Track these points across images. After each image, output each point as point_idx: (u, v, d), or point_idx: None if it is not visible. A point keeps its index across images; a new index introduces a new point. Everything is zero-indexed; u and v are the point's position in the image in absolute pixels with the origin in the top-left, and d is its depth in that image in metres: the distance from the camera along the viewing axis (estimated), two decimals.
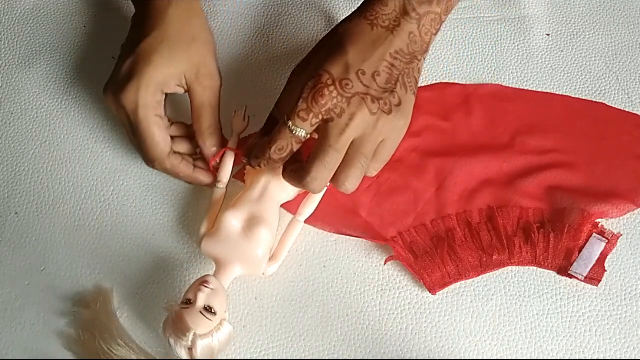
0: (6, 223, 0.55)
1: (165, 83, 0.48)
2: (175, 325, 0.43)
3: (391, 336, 0.50)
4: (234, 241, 0.47)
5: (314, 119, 0.41)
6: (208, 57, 0.51)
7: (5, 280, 0.53)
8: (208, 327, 0.43)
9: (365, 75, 0.42)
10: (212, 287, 0.44)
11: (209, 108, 0.50)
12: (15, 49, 0.64)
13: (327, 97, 0.41)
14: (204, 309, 0.43)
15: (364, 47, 0.43)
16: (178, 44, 0.49)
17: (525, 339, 0.49)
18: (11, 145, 0.59)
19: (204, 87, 0.50)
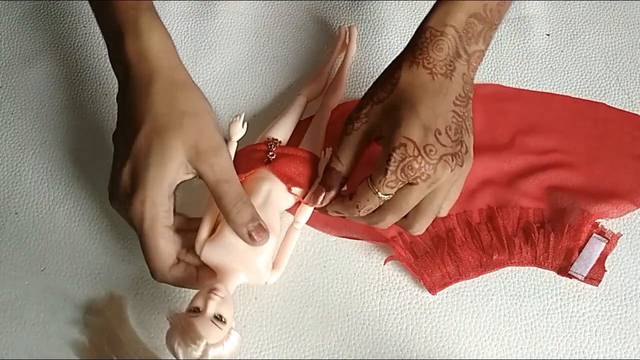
0: (6, 223, 0.55)
1: (170, 184, 0.44)
2: (184, 334, 0.41)
3: (391, 336, 0.50)
4: (238, 249, 0.45)
5: (400, 184, 0.43)
6: (204, 129, 0.45)
7: (5, 280, 0.53)
8: (219, 336, 0.41)
9: (442, 135, 0.43)
10: (221, 295, 0.42)
11: (224, 184, 0.44)
12: (15, 49, 0.64)
13: (417, 169, 0.42)
14: (214, 317, 0.41)
15: (433, 102, 0.43)
16: (170, 131, 0.43)
17: (525, 339, 0.49)
18: (11, 145, 0.59)
19: (210, 165, 0.44)
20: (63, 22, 0.65)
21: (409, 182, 0.43)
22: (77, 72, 0.62)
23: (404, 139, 0.42)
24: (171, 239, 0.45)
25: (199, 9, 0.65)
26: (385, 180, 0.42)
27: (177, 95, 0.45)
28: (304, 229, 0.53)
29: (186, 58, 0.62)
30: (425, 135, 0.42)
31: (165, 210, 0.44)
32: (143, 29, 0.45)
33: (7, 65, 0.63)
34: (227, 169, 0.45)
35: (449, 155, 0.43)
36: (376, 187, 0.43)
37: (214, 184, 0.44)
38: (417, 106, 0.43)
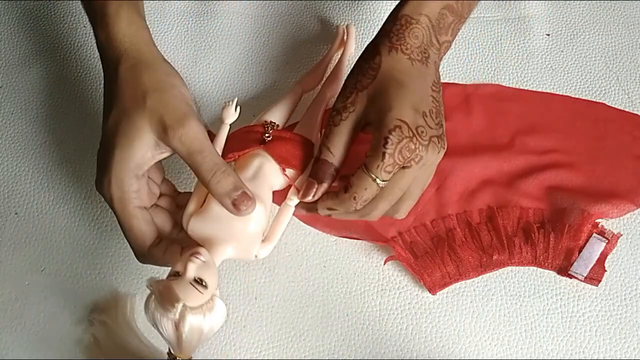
0: (6, 223, 0.55)
1: (138, 165, 0.43)
2: (161, 297, 0.38)
3: (391, 336, 0.50)
4: (226, 219, 0.43)
5: (397, 168, 0.42)
6: (169, 103, 0.43)
7: (5, 280, 0.53)
8: (199, 300, 0.39)
9: (428, 117, 0.43)
10: (203, 259, 0.40)
11: (197, 155, 0.42)
12: (15, 49, 0.64)
13: (413, 150, 0.42)
14: (194, 280, 0.39)
15: (416, 86, 0.44)
16: (136, 112, 0.43)
17: (525, 339, 0.49)
18: (11, 145, 0.59)
19: (179, 138, 0.42)
20: (63, 22, 0.65)
21: (403, 166, 0.42)
22: (77, 72, 0.62)
23: (398, 121, 0.42)
24: (146, 220, 0.44)
25: (199, 9, 0.65)
26: (384, 164, 0.41)
27: (142, 74, 0.44)
28: (304, 229, 0.53)
29: (186, 58, 0.62)
30: (415, 117, 0.42)
31: (135, 190, 0.43)
32: (110, 16, 0.46)
33: (7, 65, 0.63)
34: (196, 140, 0.43)
35: (435, 137, 0.43)
36: (374, 173, 0.42)
37: (186, 156, 0.43)
38: (405, 89, 0.43)
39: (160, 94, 0.43)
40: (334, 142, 0.45)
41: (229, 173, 0.43)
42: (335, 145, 0.45)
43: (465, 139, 0.57)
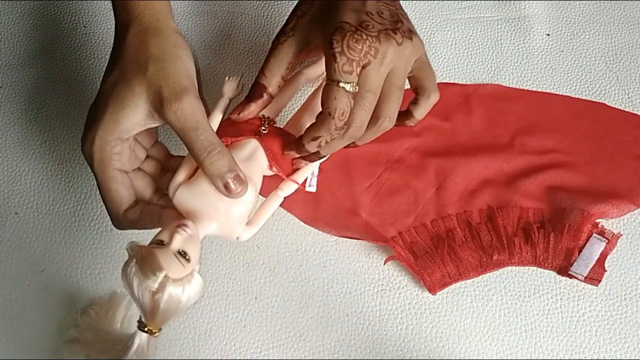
0: (6, 223, 0.55)
1: (126, 128, 0.42)
2: (143, 263, 0.37)
3: (391, 336, 0.50)
4: (214, 196, 0.42)
5: (357, 68, 0.40)
6: (170, 74, 0.42)
7: (5, 280, 0.53)
8: (180, 273, 0.38)
9: (374, 15, 0.42)
10: (190, 232, 0.39)
11: (191, 133, 0.41)
12: (15, 49, 0.64)
13: (361, 41, 0.40)
14: (178, 252, 0.38)
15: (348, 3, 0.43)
16: (136, 77, 0.42)
17: (525, 339, 0.49)
18: (11, 145, 0.59)
19: (174, 112, 0.41)
20: (63, 22, 0.65)
21: (363, 65, 0.41)
22: (77, 72, 0.62)
23: (337, 22, 0.41)
24: (124, 183, 0.44)
25: (199, 9, 0.65)
26: (338, 64, 0.40)
27: (148, 41, 0.44)
28: (304, 229, 0.53)
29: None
30: (358, 15, 0.41)
31: (117, 152, 0.43)
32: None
33: (7, 65, 0.63)
34: (192, 116, 0.41)
35: (389, 30, 0.41)
36: (334, 77, 0.40)
37: (180, 132, 0.42)
38: (342, 2, 0.42)
39: (163, 63, 0.43)
40: (269, 66, 0.45)
41: (224, 154, 0.42)
42: (271, 68, 0.44)
43: (465, 139, 0.57)
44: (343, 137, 0.43)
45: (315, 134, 0.42)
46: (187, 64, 0.44)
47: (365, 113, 0.42)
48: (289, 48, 0.44)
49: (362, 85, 0.41)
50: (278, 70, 0.45)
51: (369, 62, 0.40)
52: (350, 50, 0.40)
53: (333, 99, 0.40)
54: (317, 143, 0.43)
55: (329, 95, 0.40)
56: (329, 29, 0.41)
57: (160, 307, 0.38)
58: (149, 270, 0.37)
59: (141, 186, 0.45)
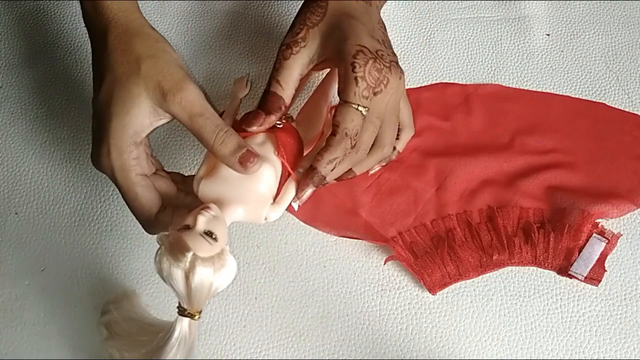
0: (6, 223, 0.55)
1: (137, 132, 0.43)
2: (172, 247, 0.38)
3: (391, 336, 0.50)
4: (236, 180, 0.43)
5: (371, 95, 0.42)
6: (164, 68, 0.43)
7: (5, 280, 0.53)
8: (209, 251, 0.39)
9: (382, 45, 0.43)
10: (213, 213, 0.40)
11: (198, 119, 0.42)
12: (15, 49, 0.64)
13: (379, 70, 0.41)
14: (204, 232, 0.39)
15: (365, 19, 0.44)
16: (131, 79, 0.42)
17: (525, 339, 0.49)
18: (11, 145, 0.59)
19: (179, 102, 0.42)
20: (63, 22, 0.65)
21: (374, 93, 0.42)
22: (77, 72, 0.62)
23: (358, 46, 0.42)
24: (149, 186, 0.44)
25: (199, 9, 0.65)
26: (359, 88, 0.41)
27: (132, 41, 0.44)
28: (304, 229, 0.53)
29: (186, 58, 0.62)
30: (373, 42, 0.43)
31: (135, 158, 0.43)
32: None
33: (7, 65, 0.63)
34: (196, 102, 0.42)
35: (394, 62, 0.43)
36: (353, 100, 0.41)
37: (187, 120, 0.42)
38: (357, 20, 0.43)
39: (154, 59, 0.43)
40: (284, 76, 0.44)
41: (232, 133, 0.42)
42: (285, 79, 0.44)
43: (465, 139, 0.57)
44: (350, 159, 0.43)
45: (331, 156, 0.42)
46: (174, 55, 0.45)
47: (370, 138, 0.44)
48: (301, 59, 0.44)
49: (372, 112, 0.42)
50: (292, 81, 0.44)
51: (380, 90, 0.42)
52: (370, 76, 0.41)
53: (350, 121, 0.41)
54: (332, 165, 0.43)
55: (347, 116, 0.41)
56: (349, 50, 0.42)
57: (193, 287, 0.38)
58: (178, 252, 0.38)
59: (164, 187, 0.46)
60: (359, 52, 0.41)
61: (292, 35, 0.44)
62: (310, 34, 0.44)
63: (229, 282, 0.40)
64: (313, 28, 0.44)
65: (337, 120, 0.42)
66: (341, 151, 0.42)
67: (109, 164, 0.42)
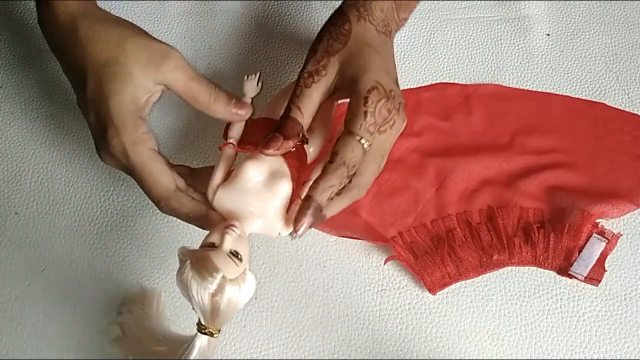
0: (6, 223, 0.55)
1: (137, 109, 0.43)
2: (199, 266, 0.38)
3: (391, 336, 0.50)
4: (255, 192, 0.43)
5: (376, 132, 0.42)
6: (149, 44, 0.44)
7: (5, 280, 0.53)
8: (236, 272, 0.39)
9: (396, 83, 0.44)
10: (238, 232, 0.40)
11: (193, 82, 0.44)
12: (15, 49, 0.64)
13: (389, 110, 0.42)
14: (230, 252, 0.39)
15: (385, 53, 0.45)
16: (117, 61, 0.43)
17: (525, 339, 0.49)
18: (11, 145, 0.59)
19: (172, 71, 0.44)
20: None
21: (379, 131, 0.42)
22: None
23: (375, 82, 0.42)
24: (165, 162, 0.44)
25: (199, 9, 0.65)
26: (366, 122, 0.41)
27: (108, 26, 0.45)
28: None
29: (186, 58, 0.62)
30: (388, 81, 0.43)
31: (145, 132, 0.43)
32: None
33: (7, 65, 0.63)
34: (187, 68, 0.45)
35: (402, 104, 0.44)
36: (358, 133, 0.41)
37: (183, 86, 0.44)
38: (377, 54, 0.44)
39: (135, 38, 0.44)
40: (304, 104, 0.44)
41: (220, 89, 0.45)
42: (305, 106, 0.44)
43: (465, 139, 0.57)
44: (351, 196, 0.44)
45: (327, 183, 0.42)
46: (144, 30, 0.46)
47: (373, 175, 0.44)
48: (321, 88, 0.44)
49: (375, 149, 0.43)
50: (311, 109, 0.44)
51: (385, 130, 0.43)
52: (379, 114, 0.42)
53: (350, 150, 0.42)
54: (329, 193, 0.42)
55: (348, 146, 0.42)
56: (365, 84, 0.42)
57: (222, 308, 0.38)
58: (206, 273, 0.38)
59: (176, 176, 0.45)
60: (374, 88, 0.42)
61: (314, 62, 0.44)
62: (330, 62, 0.44)
63: (249, 298, 0.40)
64: (334, 55, 0.44)
65: (336, 148, 0.42)
66: (337, 179, 0.42)
67: (120, 143, 0.42)
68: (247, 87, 0.48)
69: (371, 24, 0.45)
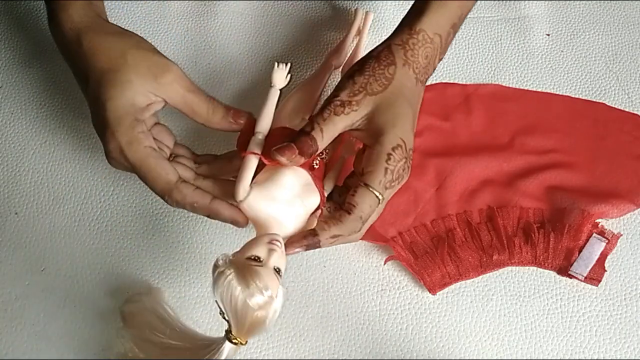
0: (6, 223, 0.55)
1: (134, 112, 0.44)
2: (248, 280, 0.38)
3: (391, 336, 0.50)
4: (288, 203, 0.43)
5: (389, 187, 0.43)
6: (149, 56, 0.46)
7: (5, 280, 0.53)
8: (277, 290, 0.39)
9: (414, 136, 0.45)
10: (281, 248, 0.40)
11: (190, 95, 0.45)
12: (15, 49, 0.64)
13: (404, 170, 0.43)
14: (274, 269, 0.39)
15: (415, 107, 0.45)
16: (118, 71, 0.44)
17: (525, 339, 0.49)
18: (11, 145, 0.59)
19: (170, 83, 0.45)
20: None
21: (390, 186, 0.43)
22: None
23: (400, 140, 0.43)
24: (163, 157, 0.44)
25: (199, 9, 0.65)
26: (386, 179, 0.42)
27: (109, 39, 0.46)
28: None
29: (186, 58, 0.62)
30: (410, 139, 0.44)
31: (141, 131, 0.44)
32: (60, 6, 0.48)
33: (7, 65, 0.63)
34: (185, 81, 0.46)
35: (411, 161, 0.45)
36: (376, 188, 0.42)
37: (181, 99, 0.45)
38: (409, 109, 0.44)
39: (136, 50, 0.46)
40: (328, 128, 0.44)
41: (217, 102, 0.47)
42: (328, 132, 0.44)
43: (465, 139, 0.57)
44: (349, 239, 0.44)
45: (338, 231, 0.43)
46: (150, 44, 0.47)
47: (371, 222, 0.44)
48: (348, 120, 0.44)
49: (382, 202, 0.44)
50: (332, 135, 0.44)
51: (393, 186, 0.43)
52: (396, 173, 0.43)
53: (368, 207, 0.43)
54: (334, 240, 0.43)
55: (367, 202, 0.43)
56: (391, 140, 0.43)
57: (262, 324, 0.38)
58: (256, 290, 0.38)
59: (180, 171, 0.46)
60: (399, 146, 0.43)
61: (350, 94, 0.44)
62: (365, 101, 0.44)
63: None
64: (371, 96, 0.44)
65: (355, 201, 0.43)
66: (348, 231, 0.43)
67: (116, 144, 0.43)
68: (275, 77, 0.47)
69: (414, 72, 0.45)
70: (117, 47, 0.45)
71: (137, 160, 0.43)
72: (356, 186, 0.43)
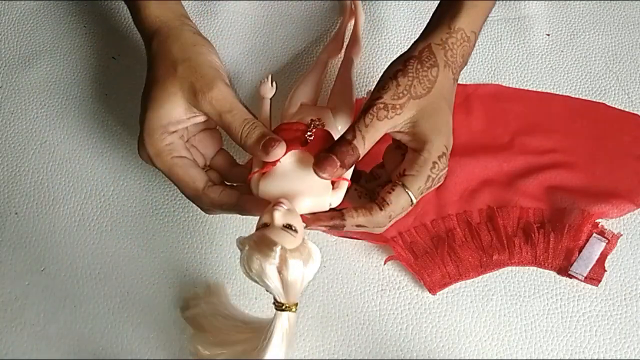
0: (6, 223, 0.55)
1: (168, 124, 0.45)
2: (258, 245, 0.39)
3: (391, 336, 0.50)
4: (296, 173, 0.44)
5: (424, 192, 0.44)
6: (197, 69, 0.46)
7: (5, 280, 0.53)
8: (293, 243, 0.40)
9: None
10: (286, 207, 0.41)
11: (227, 115, 0.45)
12: (15, 49, 0.64)
13: (439, 179, 0.44)
14: (284, 226, 0.40)
15: (451, 105, 0.45)
16: (167, 80, 0.46)
17: (525, 339, 0.49)
18: (11, 145, 0.59)
19: (209, 101, 0.45)
20: (63, 22, 0.65)
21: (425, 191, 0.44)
22: (77, 72, 0.62)
23: (445, 148, 0.43)
24: (190, 165, 0.46)
25: (199, 9, 0.65)
26: (425, 185, 0.43)
27: (171, 47, 0.47)
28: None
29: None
30: (450, 143, 0.44)
31: (168, 143, 0.46)
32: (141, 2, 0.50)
33: (7, 65, 0.63)
34: (226, 100, 0.45)
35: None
36: (414, 193, 0.43)
37: (217, 117, 0.45)
38: (449, 109, 0.44)
39: (188, 62, 0.46)
40: (370, 134, 0.43)
41: (257, 125, 0.45)
42: (369, 138, 0.43)
43: (465, 139, 0.57)
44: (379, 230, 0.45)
45: (364, 221, 0.43)
46: (210, 57, 0.48)
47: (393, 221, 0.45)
48: (390, 125, 0.43)
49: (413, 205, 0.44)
50: (374, 141, 0.43)
51: (427, 191, 0.44)
52: (434, 180, 0.43)
53: (401, 208, 0.43)
54: (358, 229, 0.44)
55: (400, 203, 0.43)
56: (437, 148, 0.43)
57: (289, 280, 0.39)
58: (266, 249, 0.39)
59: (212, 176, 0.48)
60: (443, 155, 0.43)
61: (394, 96, 0.42)
62: (409, 104, 0.43)
63: (317, 269, 0.41)
64: (415, 100, 0.43)
65: (390, 199, 0.43)
66: (375, 224, 0.43)
67: (146, 152, 0.46)
68: (263, 90, 0.51)
69: (452, 73, 0.44)
70: (173, 55, 0.47)
71: (164, 169, 0.46)
72: (394, 184, 0.43)
